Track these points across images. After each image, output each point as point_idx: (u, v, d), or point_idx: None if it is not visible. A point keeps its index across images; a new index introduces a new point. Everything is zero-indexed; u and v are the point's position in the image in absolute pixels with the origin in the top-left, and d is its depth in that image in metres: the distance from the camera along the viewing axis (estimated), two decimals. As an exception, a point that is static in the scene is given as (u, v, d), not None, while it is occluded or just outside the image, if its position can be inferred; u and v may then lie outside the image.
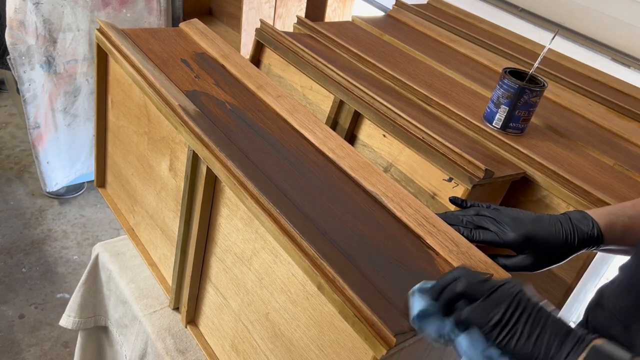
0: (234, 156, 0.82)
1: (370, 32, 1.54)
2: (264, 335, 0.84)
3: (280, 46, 1.28)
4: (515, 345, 0.55)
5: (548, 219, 0.76)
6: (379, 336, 0.60)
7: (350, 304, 0.63)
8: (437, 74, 1.35)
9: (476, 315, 0.57)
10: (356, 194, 0.83)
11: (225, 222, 0.89)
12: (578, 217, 0.76)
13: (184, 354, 1.05)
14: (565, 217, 0.77)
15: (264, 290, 0.82)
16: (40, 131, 2.14)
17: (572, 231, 0.75)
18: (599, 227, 0.76)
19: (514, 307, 0.56)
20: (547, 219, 0.76)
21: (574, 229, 0.75)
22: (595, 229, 0.75)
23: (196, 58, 1.12)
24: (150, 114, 1.05)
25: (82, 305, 1.31)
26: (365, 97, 1.09)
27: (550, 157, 1.06)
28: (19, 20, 1.89)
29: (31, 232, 2.33)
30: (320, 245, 0.69)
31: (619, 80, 1.48)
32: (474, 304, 0.58)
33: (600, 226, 0.76)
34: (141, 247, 1.20)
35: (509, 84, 1.08)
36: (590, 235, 0.75)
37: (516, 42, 1.64)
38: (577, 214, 0.77)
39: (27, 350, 1.86)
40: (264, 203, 0.75)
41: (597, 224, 0.76)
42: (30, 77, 2.01)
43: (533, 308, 0.57)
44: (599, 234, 0.75)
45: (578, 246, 0.75)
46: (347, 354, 0.68)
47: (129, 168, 1.19)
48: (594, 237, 0.75)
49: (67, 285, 2.12)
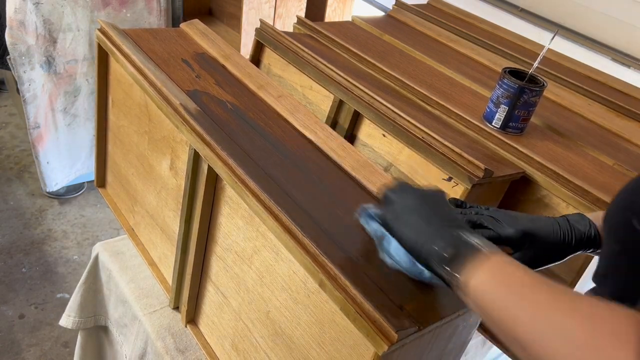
0: (235, 155, 0.83)
1: (370, 32, 1.54)
2: (265, 334, 0.85)
3: (280, 46, 1.28)
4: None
5: (545, 219, 0.78)
6: (381, 332, 0.61)
7: (351, 301, 0.64)
8: (437, 74, 1.35)
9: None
10: (357, 193, 0.83)
11: (226, 221, 0.89)
12: (575, 218, 0.78)
13: (184, 354, 1.05)
14: (562, 218, 0.78)
15: (264, 288, 0.82)
16: (40, 131, 2.14)
17: (570, 230, 0.76)
18: (596, 227, 0.77)
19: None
20: (545, 219, 0.78)
21: (572, 229, 0.76)
22: (593, 229, 0.76)
23: (197, 58, 1.12)
24: (151, 114, 1.05)
25: (82, 305, 1.31)
26: (365, 97, 1.09)
27: (549, 156, 1.06)
28: (19, 20, 1.89)
29: (31, 232, 2.33)
30: (322, 243, 0.70)
31: (619, 80, 1.49)
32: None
33: (597, 227, 0.77)
34: (141, 247, 1.21)
35: (509, 84, 1.08)
36: (587, 235, 0.76)
37: (516, 42, 1.64)
38: (574, 216, 0.78)
39: (27, 350, 1.86)
40: (265, 201, 0.76)
41: (594, 225, 0.77)
42: (30, 77, 2.01)
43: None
44: (596, 234, 0.77)
45: (575, 246, 0.76)
46: (348, 351, 0.68)
47: (129, 168, 1.19)
48: (591, 237, 0.76)
49: (67, 285, 2.12)
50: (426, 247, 0.60)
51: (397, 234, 0.64)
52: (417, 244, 0.61)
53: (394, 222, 0.64)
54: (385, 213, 0.66)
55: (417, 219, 0.62)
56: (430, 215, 0.63)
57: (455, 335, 0.74)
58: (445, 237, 0.59)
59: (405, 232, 0.62)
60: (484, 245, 0.58)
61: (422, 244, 0.60)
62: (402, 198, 0.66)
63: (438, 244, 0.59)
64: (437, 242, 0.59)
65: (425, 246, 0.60)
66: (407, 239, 0.62)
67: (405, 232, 0.63)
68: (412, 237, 0.62)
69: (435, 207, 0.64)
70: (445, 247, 0.58)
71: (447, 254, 0.58)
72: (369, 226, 0.69)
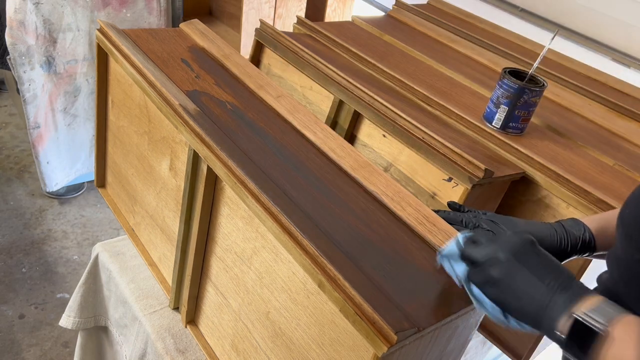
0: (234, 155, 0.83)
1: (370, 32, 1.54)
2: (264, 335, 0.84)
3: (280, 46, 1.28)
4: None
5: (541, 223, 0.79)
6: (380, 334, 0.61)
7: (351, 302, 0.63)
8: (437, 74, 1.35)
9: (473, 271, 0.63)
10: (357, 193, 0.83)
11: (226, 221, 0.89)
12: (570, 223, 0.79)
13: (184, 354, 1.05)
14: (557, 224, 0.79)
15: (264, 289, 0.82)
16: (40, 131, 2.14)
17: (565, 234, 0.77)
18: (590, 231, 0.78)
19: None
20: (541, 223, 0.79)
21: (567, 232, 0.77)
22: (587, 233, 0.77)
23: (196, 58, 1.12)
24: (150, 114, 1.05)
25: (82, 305, 1.31)
26: (365, 97, 1.09)
27: (550, 157, 1.06)
28: (19, 20, 1.89)
29: (31, 232, 2.33)
30: (321, 244, 0.69)
31: (619, 80, 1.49)
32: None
33: (592, 231, 0.78)
34: (141, 247, 1.20)
35: (509, 84, 1.08)
36: (582, 238, 0.77)
37: (516, 42, 1.64)
38: (568, 221, 0.80)
39: (27, 350, 1.86)
40: (265, 202, 0.76)
41: (588, 229, 0.78)
42: (30, 77, 2.01)
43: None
44: (590, 237, 0.77)
45: (571, 250, 0.77)
46: (347, 352, 0.68)
47: (129, 168, 1.19)
48: (585, 241, 0.77)
49: (67, 285, 2.12)
50: (536, 317, 0.57)
51: (496, 301, 0.61)
52: (522, 311, 0.58)
53: (487, 288, 0.61)
54: (473, 276, 0.63)
55: (518, 284, 0.59)
56: (529, 276, 0.59)
57: (455, 336, 0.74)
58: (557, 307, 0.56)
59: (507, 299, 0.59)
60: (600, 317, 0.54)
61: (528, 312, 0.58)
62: (488, 258, 0.61)
63: (550, 315, 0.56)
64: (549, 313, 0.56)
65: (534, 317, 0.58)
66: (509, 307, 0.60)
67: (505, 299, 0.60)
68: (515, 305, 0.59)
69: (530, 263, 0.60)
70: (560, 322, 0.55)
71: (563, 332, 0.55)
72: (454, 271, 0.66)
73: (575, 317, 0.55)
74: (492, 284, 0.60)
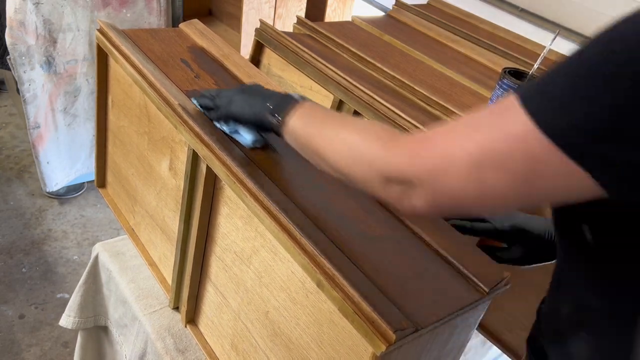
0: (233, 155, 0.83)
1: (370, 32, 1.54)
2: (264, 334, 0.85)
3: (280, 46, 1.28)
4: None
5: (539, 218, 0.80)
6: (379, 333, 0.61)
7: (349, 301, 0.63)
8: (437, 74, 1.35)
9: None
10: (356, 192, 0.83)
11: (225, 221, 0.89)
12: None
13: (184, 354, 1.05)
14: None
15: (263, 288, 0.82)
16: (40, 131, 2.14)
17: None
18: None
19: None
20: (538, 218, 0.81)
21: None
22: None
23: (196, 58, 1.12)
24: (150, 114, 1.05)
25: (82, 305, 1.31)
26: (364, 97, 1.09)
27: (549, 156, 1.06)
28: (19, 20, 1.89)
29: (31, 232, 2.33)
30: (320, 243, 0.69)
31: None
32: None
33: None
34: (141, 247, 1.21)
35: (509, 84, 1.08)
36: None
37: (516, 42, 1.64)
38: None
39: (27, 350, 1.86)
40: (264, 201, 0.76)
41: None
42: (30, 77, 2.01)
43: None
44: None
45: None
46: (346, 351, 0.68)
47: (129, 168, 1.19)
48: None
49: (67, 285, 2.12)
50: (259, 106, 0.77)
51: (228, 116, 0.83)
52: (244, 118, 0.80)
53: (221, 111, 0.84)
54: (216, 101, 0.85)
55: (247, 97, 0.81)
56: (256, 91, 0.81)
57: (454, 335, 0.74)
58: (273, 97, 0.77)
59: (233, 112, 0.82)
60: (300, 97, 0.76)
61: (254, 106, 0.78)
62: (217, 94, 0.86)
63: (269, 102, 0.76)
64: (269, 101, 0.76)
65: (257, 106, 0.77)
66: (238, 118, 0.81)
67: (234, 113, 0.82)
68: (240, 113, 0.81)
69: (257, 87, 0.84)
70: (273, 103, 0.76)
71: (274, 106, 0.75)
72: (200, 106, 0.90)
73: (274, 117, 0.75)
74: (224, 106, 0.83)
